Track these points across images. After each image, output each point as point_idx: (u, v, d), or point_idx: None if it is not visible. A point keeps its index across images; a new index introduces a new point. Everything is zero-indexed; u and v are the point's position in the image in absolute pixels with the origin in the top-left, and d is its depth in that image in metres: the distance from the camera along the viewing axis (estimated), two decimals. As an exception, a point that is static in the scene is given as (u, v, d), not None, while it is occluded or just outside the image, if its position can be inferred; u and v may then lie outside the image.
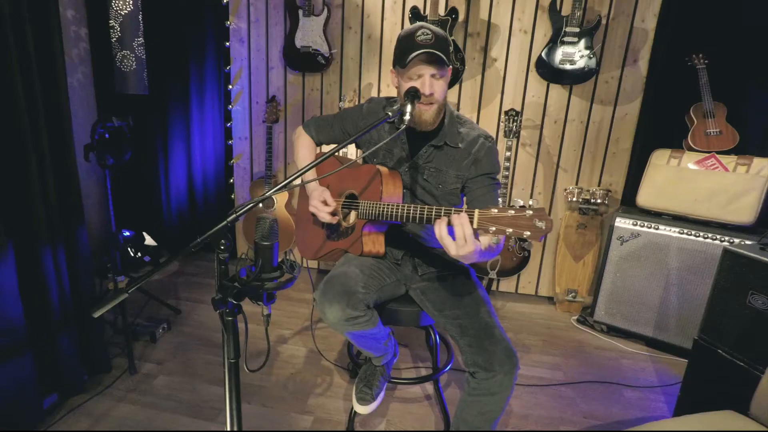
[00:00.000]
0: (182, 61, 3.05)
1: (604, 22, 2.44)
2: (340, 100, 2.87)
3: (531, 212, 1.02)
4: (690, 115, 2.33)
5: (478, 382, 1.31)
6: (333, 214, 1.46)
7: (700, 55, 2.30)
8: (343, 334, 1.42)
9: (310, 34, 2.79)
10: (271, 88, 3.05)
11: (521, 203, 0.98)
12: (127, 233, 3.29)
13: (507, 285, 2.98)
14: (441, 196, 1.50)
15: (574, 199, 2.65)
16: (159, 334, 2.33)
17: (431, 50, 1.29)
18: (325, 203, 1.46)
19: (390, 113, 1.22)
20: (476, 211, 1.09)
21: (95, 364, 1.97)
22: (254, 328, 2.51)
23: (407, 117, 1.22)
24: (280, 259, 1.04)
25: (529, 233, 1.02)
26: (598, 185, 2.71)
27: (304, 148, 1.69)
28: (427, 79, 1.34)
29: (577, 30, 2.42)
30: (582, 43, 2.44)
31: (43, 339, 1.68)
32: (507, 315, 2.77)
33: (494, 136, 2.79)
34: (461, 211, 1.11)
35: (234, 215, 1.03)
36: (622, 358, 2.34)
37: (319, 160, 1.12)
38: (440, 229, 1.11)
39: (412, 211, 1.29)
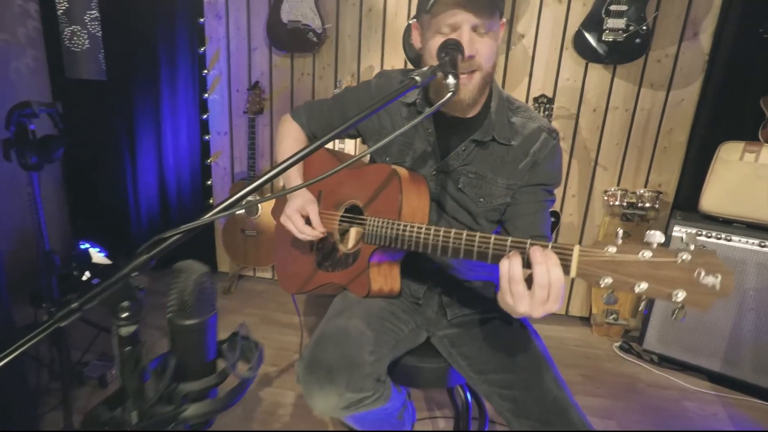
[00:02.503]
0: (149, 40, 2.57)
1: (659, -15, 1.99)
2: (336, 87, 2.41)
3: (689, 256, 0.58)
4: (769, 99, 1.89)
5: None
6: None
7: (779, 26, 1.86)
8: (341, 419, 0.97)
9: (299, 5, 2.32)
10: (254, 73, 2.59)
11: (660, 238, 0.64)
12: (87, 245, 2.82)
13: (533, 303, 2.54)
14: (481, 214, 1.05)
15: (617, 202, 2.21)
16: (111, 377, 1.87)
17: None
18: (305, 217, 1.02)
19: (419, 77, 0.76)
20: (576, 248, 0.65)
21: (16, 424, 1.51)
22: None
23: (450, 83, 0.75)
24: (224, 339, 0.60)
25: (684, 295, 0.57)
26: (645, 186, 2.27)
27: (289, 139, 1.23)
28: (466, 33, 0.89)
29: (627, -4, 1.97)
30: (632, 12, 1.99)
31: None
32: (535, 340, 2.33)
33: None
34: (545, 245, 0.66)
35: (145, 256, 0.57)
36: (684, 399, 1.91)
37: (306, 150, 0.66)
38: (510, 270, 0.67)
39: (453, 240, 0.83)
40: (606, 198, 2.25)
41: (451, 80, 0.75)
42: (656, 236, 0.62)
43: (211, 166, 2.81)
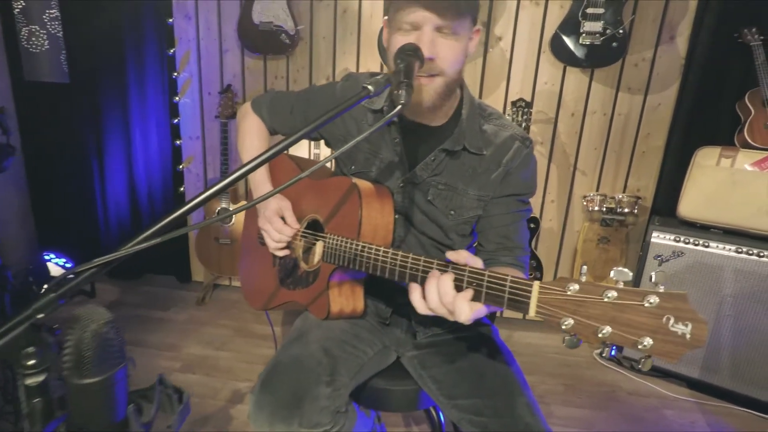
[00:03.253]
0: (115, 40, 2.46)
1: (635, -11, 1.97)
2: (310, 90, 2.33)
3: (657, 299, 0.53)
4: (745, 103, 1.88)
5: None
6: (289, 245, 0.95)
7: (753, 30, 1.86)
8: None
9: (270, 6, 2.25)
10: (226, 76, 2.50)
11: (627, 276, 0.56)
12: (51, 256, 2.69)
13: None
14: (452, 228, 1.00)
15: (596, 208, 2.19)
16: (70, 398, 1.76)
17: None
18: (283, 221, 0.96)
19: (371, 86, 0.70)
20: (536, 285, 0.60)
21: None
22: (200, 380, 1.98)
23: (401, 94, 0.69)
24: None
25: (651, 344, 0.53)
26: (624, 191, 2.25)
27: (253, 135, 1.15)
28: (427, 33, 0.83)
29: (604, -1, 1.94)
30: (609, 15, 1.96)
31: None
32: (514, 349, 2.29)
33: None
34: (484, 273, 0.62)
35: (52, 295, 0.50)
36: (664, 407, 1.89)
37: (270, 153, 0.60)
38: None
39: (411, 265, 0.78)
40: (585, 203, 2.23)
41: (401, 93, 0.69)
42: (623, 274, 0.57)
43: (184, 172, 2.71)
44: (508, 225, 0.99)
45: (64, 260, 2.73)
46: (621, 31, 1.96)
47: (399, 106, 0.67)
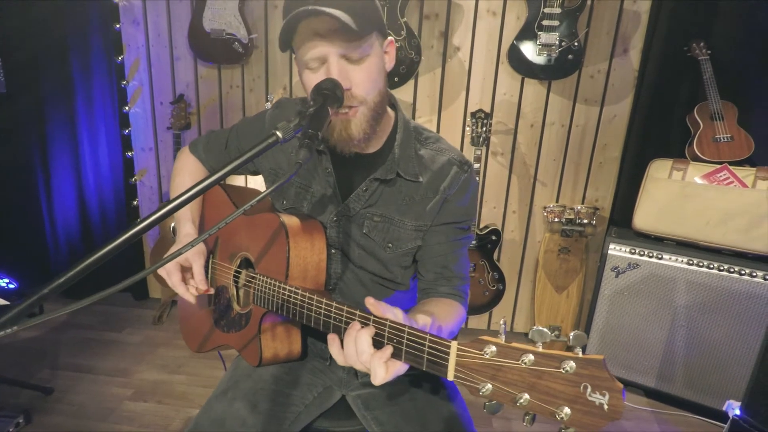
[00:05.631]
0: (58, 46, 2.32)
1: (589, 2, 1.97)
2: (267, 101, 2.26)
3: (574, 365, 0.50)
4: (694, 116, 1.91)
5: None
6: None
7: (702, 44, 1.89)
8: None
9: (222, 13, 2.15)
10: (179, 85, 2.39)
11: (546, 337, 0.53)
12: (-7, 276, 2.53)
13: (477, 321, 2.49)
14: (391, 260, 0.95)
15: (556, 219, 2.19)
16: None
17: (323, 8, 0.73)
18: (189, 269, 0.90)
19: (280, 132, 0.65)
20: (453, 345, 0.56)
21: None
22: (152, 409, 1.88)
23: (300, 154, 0.64)
24: None
25: (569, 413, 0.50)
26: (582, 201, 2.27)
27: (185, 174, 1.09)
28: (335, 65, 0.78)
29: (558, 11, 1.94)
30: (564, 27, 1.96)
31: None
32: (480, 360, 2.28)
33: (459, 144, 2.30)
34: (404, 328, 0.58)
35: None
36: (622, 418, 1.90)
37: (190, 193, 0.58)
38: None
39: (335, 316, 0.73)
40: (546, 215, 2.23)
41: (300, 152, 0.64)
42: (541, 334, 0.54)
43: (137, 184, 2.59)
44: (447, 254, 0.95)
45: (6, 280, 2.57)
46: (576, 44, 1.97)
47: (292, 173, 0.63)
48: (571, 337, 0.53)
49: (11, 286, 2.58)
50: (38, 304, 0.51)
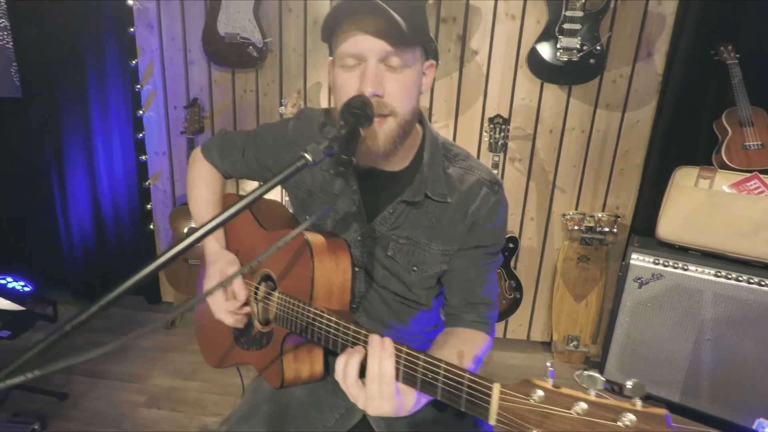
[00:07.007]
0: (73, 50, 2.32)
1: (612, 4, 1.92)
2: (281, 105, 2.23)
3: (635, 419, 0.46)
4: (722, 123, 1.85)
5: None
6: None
7: (730, 48, 1.82)
8: None
9: (236, 17, 2.13)
10: (192, 89, 2.38)
11: (599, 383, 0.47)
12: (8, 279, 2.54)
13: (494, 328, 2.45)
14: (415, 283, 0.92)
15: (576, 227, 2.14)
16: (24, 442, 1.65)
17: (381, 4, 0.70)
18: (225, 289, 0.88)
19: (310, 154, 0.62)
20: (496, 388, 0.53)
21: None
22: (167, 416, 1.87)
23: (337, 184, 0.62)
24: None
25: None
26: (603, 209, 2.21)
27: (202, 186, 1.07)
28: (372, 67, 0.74)
29: (580, 15, 1.89)
30: (585, 31, 1.91)
31: None
32: (495, 370, 2.24)
33: (476, 150, 2.25)
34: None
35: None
36: None
37: (229, 213, 0.58)
38: (346, 369, 0.66)
39: (363, 341, 0.70)
40: (565, 222, 2.18)
41: (338, 183, 0.61)
42: (594, 381, 0.50)
43: (150, 188, 2.58)
44: (474, 279, 0.92)
45: (22, 283, 2.58)
46: (598, 48, 1.91)
47: (330, 204, 0.60)
48: (628, 387, 0.49)
49: (26, 288, 2.59)
50: (58, 341, 0.49)
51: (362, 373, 0.66)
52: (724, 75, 1.84)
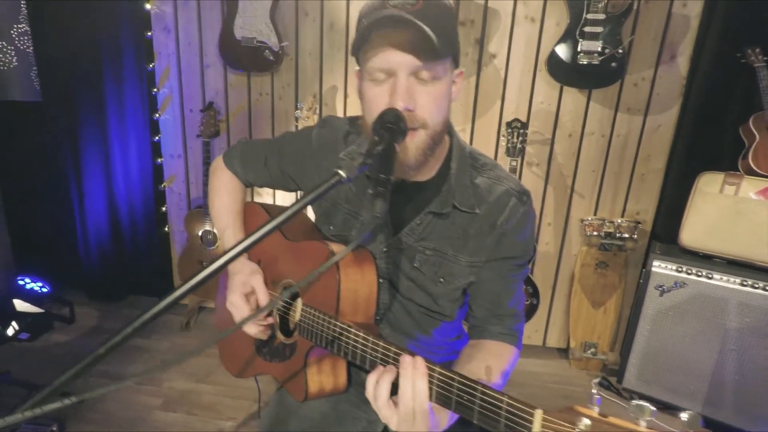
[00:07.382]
0: (91, 55, 2.34)
1: (635, 6, 1.88)
2: (297, 108, 2.23)
3: None
4: (749, 127, 1.80)
5: None
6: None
7: (758, 50, 1.78)
8: None
9: (253, 21, 2.13)
10: (208, 92, 2.39)
11: (649, 414, 0.47)
12: (27, 281, 2.58)
13: (509, 334, 2.42)
14: (442, 295, 0.90)
15: (595, 232, 2.11)
16: (41, 445, 1.66)
17: (410, 17, 0.68)
18: (248, 299, 0.86)
19: (344, 171, 0.60)
20: (538, 414, 0.51)
21: None
22: (181, 420, 1.87)
23: (377, 206, 0.61)
24: None
25: None
26: (623, 214, 2.17)
27: (224, 195, 1.06)
28: (402, 81, 0.73)
29: (602, 17, 1.85)
30: (607, 33, 1.87)
31: None
32: (511, 376, 2.20)
33: (493, 153, 2.23)
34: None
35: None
36: (665, 444, 1.81)
37: (259, 234, 0.57)
38: (377, 390, 0.66)
39: (393, 358, 0.69)
40: (584, 227, 2.15)
41: (378, 204, 0.60)
42: (643, 410, 0.48)
43: (166, 191, 2.60)
44: (501, 291, 0.90)
45: (40, 284, 2.62)
46: (620, 51, 1.88)
47: (369, 229, 0.59)
48: (683, 419, 0.47)
49: (44, 289, 2.63)
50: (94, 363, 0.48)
51: (393, 391, 0.65)
52: (751, 78, 1.79)
